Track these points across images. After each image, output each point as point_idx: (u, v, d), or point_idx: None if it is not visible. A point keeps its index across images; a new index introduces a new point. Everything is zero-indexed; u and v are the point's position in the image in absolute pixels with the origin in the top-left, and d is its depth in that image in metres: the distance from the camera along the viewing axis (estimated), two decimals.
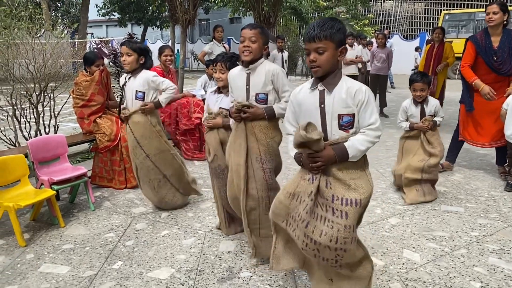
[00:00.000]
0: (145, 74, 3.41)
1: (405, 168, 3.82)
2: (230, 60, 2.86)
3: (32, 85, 4.63)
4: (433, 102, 3.85)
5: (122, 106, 3.59)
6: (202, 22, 29.40)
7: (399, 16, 25.17)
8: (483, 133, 4.40)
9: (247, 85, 2.48)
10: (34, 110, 4.73)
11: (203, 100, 5.72)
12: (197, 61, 10.69)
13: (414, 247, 2.88)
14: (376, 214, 3.46)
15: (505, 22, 4.13)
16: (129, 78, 3.45)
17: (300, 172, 2.03)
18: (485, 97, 4.13)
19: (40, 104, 4.75)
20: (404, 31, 24.84)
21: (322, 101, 1.86)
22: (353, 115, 1.83)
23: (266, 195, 2.49)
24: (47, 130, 4.87)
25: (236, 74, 2.57)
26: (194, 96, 5.58)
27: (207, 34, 29.25)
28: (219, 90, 3.02)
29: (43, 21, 7.05)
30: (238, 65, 2.73)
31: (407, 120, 3.90)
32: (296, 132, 1.82)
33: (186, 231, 3.19)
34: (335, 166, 1.86)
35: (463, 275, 2.51)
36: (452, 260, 2.70)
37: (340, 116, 1.84)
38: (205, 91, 6.24)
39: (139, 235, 3.15)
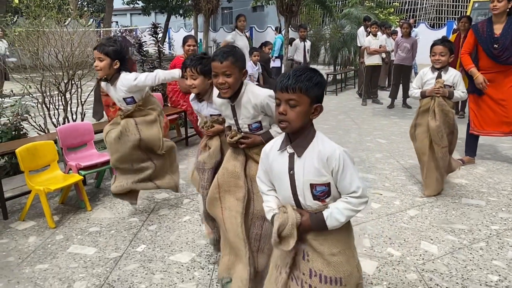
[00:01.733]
0: (125, 81, 3.03)
1: (421, 150, 3.66)
2: (200, 63, 2.50)
3: (61, 73, 4.80)
4: (453, 71, 3.56)
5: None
6: (225, 11, 29.35)
7: (426, 4, 24.49)
8: (494, 123, 4.39)
9: (234, 116, 2.20)
10: (62, 97, 4.90)
11: None
12: None
13: (432, 239, 2.89)
14: (394, 206, 3.47)
15: (508, 10, 4.13)
16: (109, 86, 3.10)
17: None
18: (478, 86, 4.25)
19: (68, 92, 4.92)
20: (431, 20, 24.18)
21: (291, 167, 1.56)
22: (328, 184, 1.54)
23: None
24: (74, 117, 5.04)
25: (221, 103, 2.26)
26: None
27: (230, 22, 29.21)
28: (199, 98, 2.63)
29: (70, 10, 7.22)
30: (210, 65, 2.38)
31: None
32: (276, 223, 1.55)
33: None
34: (312, 234, 1.58)
35: (480, 268, 2.51)
36: (471, 253, 2.69)
37: (312, 186, 1.54)
38: None
39: (162, 220, 3.26)
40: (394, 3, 20.46)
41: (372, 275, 2.46)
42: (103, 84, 3.18)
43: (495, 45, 4.11)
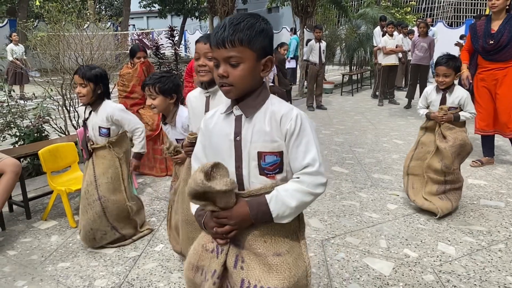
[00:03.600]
0: (109, 108, 2.81)
1: (427, 167, 3.30)
2: (159, 81, 2.34)
3: None
4: (459, 92, 3.31)
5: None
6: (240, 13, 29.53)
7: (443, 2, 24.12)
8: (495, 121, 4.38)
9: (206, 111, 1.93)
10: None
11: None
12: None
13: (449, 240, 2.87)
14: (411, 206, 3.44)
15: (507, 7, 4.16)
16: (90, 112, 2.87)
17: (202, 237, 1.41)
18: (462, 82, 4.34)
19: None
20: (449, 19, 23.79)
21: (237, 132, 1.25)
22: (281, 153, 1.24)
23: None
24: None
25: (195, 97, 2.08)
26: None
27: None
28: (163, 120, 2.49)
29: (89, 15, 7.38)
30: (172, 85, 2.35)
31: (428, 108, 3.45)
32: (193, 175, 1.21)
33: None
34: (252, 231, 1.26)
35: (499, 270, 2.48)
36: (489, 255, 2.66)
37: (261, 155, 1.24)
38: None
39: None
40: (411, 2, 20.21)
41: (388, 276, 2.45)
42: (81, 109, 2.95)
43: (490, 41, 4.16)
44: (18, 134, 4.37)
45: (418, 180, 3.38)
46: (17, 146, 4.29)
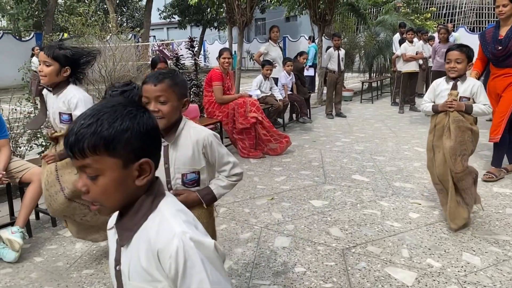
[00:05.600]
0: (70, 93, 2.58)
1: (441, 173, 3.05)
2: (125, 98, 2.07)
3: (104, 87, 5.05)
4: (472, 81, 3.08)
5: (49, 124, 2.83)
6: (258, 22, 29.71)
7: (465, 7, 23.75)
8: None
9: (165, 163, 1.74)
10: None
11: (258, 99, 5.90)
12: (252, 60, 10.95)
13: (474, 250, 2.80)
14: (434, 216, 3.38)
15: None
16: (50, 94, 2.67)
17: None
18: None
19: None
20: (471, 24, 23.40)
21: (118, 260, 1.08)
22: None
23: None
24: None
25: None
26: (250, 96, 5.75)
27: (263, 33, 29.52)
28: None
29: (111, 27, 7.58)
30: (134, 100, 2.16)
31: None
32: None
33: (243, 226, 3.34)
34: None
35: None
36: None
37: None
38: (261, 91, 6.41)
39: None
40: (431, 8, 19.98)
41: (411, 286, 2.41)
42: (44, 92, 2.75)
43: (499, 47, 4.12)
44: (44, 143, 4.50)
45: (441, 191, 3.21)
46: None
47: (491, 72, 4.38)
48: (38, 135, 4.59)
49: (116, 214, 1.03)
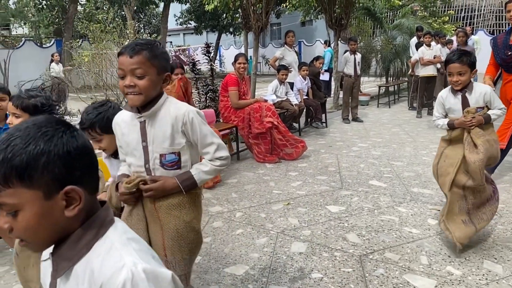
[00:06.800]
0: None
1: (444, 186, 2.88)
2: (101, 120, 1.86)
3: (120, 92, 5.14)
4: (480, 88, 2.89)
5: None
6: (274, 27, 29.78)
7: (484, 10, 23.36)
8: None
9: (143, 141, 1.60)
10: None
11: (274, 104, 5.91)
12: (268, 65, 10.99)
13: (496, 258, 2.73)
14: None
15: None
16: None
17: None
18: None
19: None
20: (490, 27, 22.98)
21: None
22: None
23: None
24: None
25: (124, 122, 1.64)
26: (265, 101, 5.76)
27: (279, 38, 29.56)
28: (113, 155, 2.06)
29: (129, 33, 7.71)
30: (107, 120, 1.83)
31: (446, 117, 3.02)
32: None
33: (259, 231, 3.33)
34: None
35: None
36: None
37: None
38: (276, 96, 6.42)
39: (216, 233, 3.35)
40: (449, 11, 19.72)
41: None
42: None
43: (508, 53, 4.07)
44: None
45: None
46: None
47: (502, 78, 4.32)
48: None
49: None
